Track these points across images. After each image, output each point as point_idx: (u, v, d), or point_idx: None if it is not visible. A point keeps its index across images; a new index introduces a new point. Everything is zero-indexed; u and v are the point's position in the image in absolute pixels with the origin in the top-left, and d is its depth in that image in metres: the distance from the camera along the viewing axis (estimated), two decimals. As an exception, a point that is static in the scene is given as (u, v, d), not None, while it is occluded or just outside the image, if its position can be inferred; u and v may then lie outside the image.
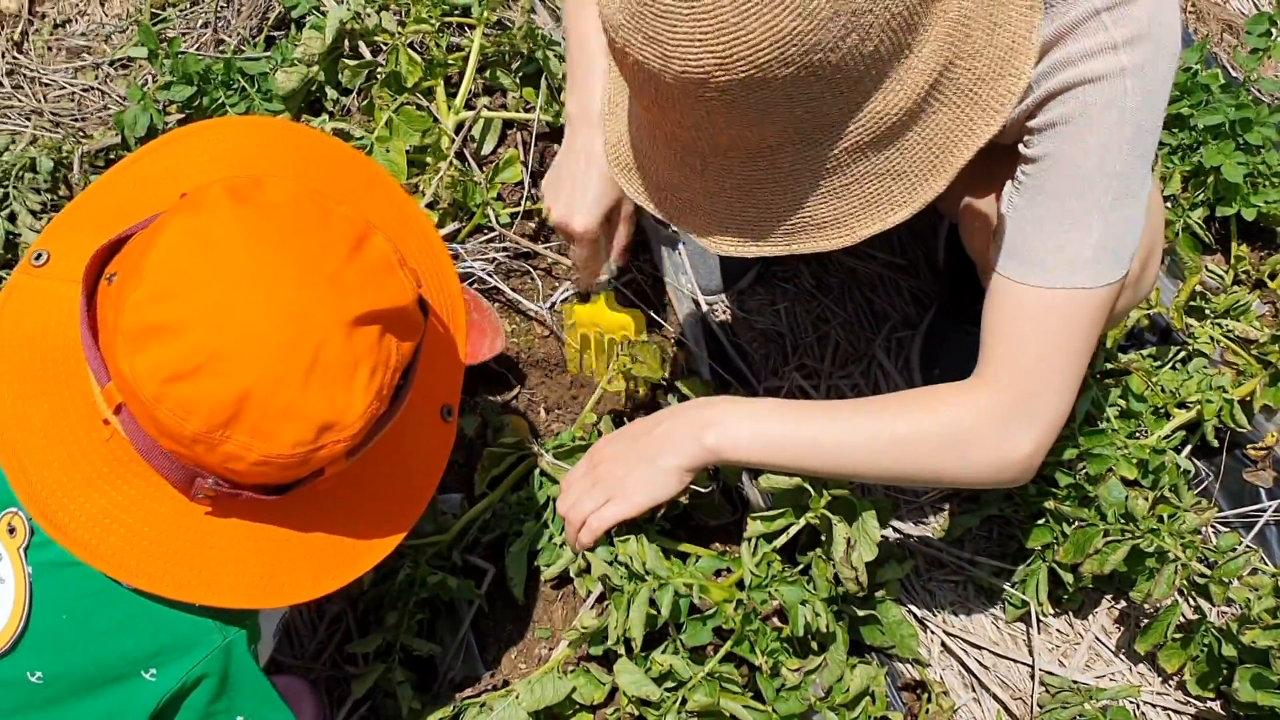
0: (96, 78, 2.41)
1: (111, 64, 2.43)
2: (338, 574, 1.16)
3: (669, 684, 1.46)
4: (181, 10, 2.50)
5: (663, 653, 1.47)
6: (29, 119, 2.30)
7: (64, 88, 2.39)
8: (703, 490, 1.59)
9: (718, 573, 1.58)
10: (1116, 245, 1.31)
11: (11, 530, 1.11)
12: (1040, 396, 1.35)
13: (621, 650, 1.47)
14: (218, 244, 0.99)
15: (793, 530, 1.52)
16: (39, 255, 1.15)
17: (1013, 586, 1.81)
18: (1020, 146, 1.34)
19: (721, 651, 1.48)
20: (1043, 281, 1.32)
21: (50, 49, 2.49)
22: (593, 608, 1.64)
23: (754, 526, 1.53)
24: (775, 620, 1.56)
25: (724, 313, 2.12)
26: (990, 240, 1.40)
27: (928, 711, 1.51)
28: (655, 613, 1.45)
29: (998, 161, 1.36)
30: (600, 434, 1.68)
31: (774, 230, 1.19)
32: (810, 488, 1.48)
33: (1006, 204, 1.36)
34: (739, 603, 1.48)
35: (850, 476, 1.45)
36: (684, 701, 1.44)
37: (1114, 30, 1.23)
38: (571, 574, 1.57)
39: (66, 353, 1.09)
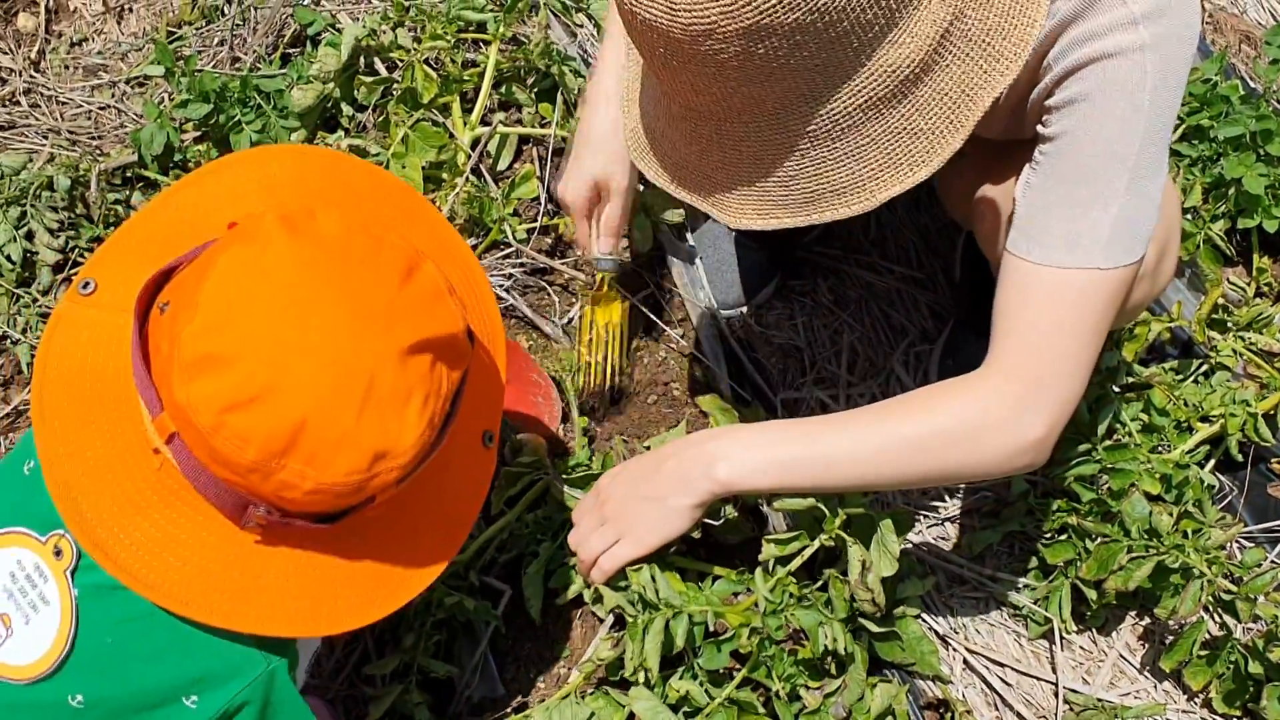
0: (113, 96, 2.42)
1: (128, 82, 2.44)
2: (382, 603, 1.16)
3: (686, 709, 1.44)
4: (198, 28, 2.50)
5: (680, 678, 1.46)
6: (46, 138, 2.31)
7: (81, 106, 2.40)
8: (715, 522, 1.58)
9: (735, 594, 1.56)
10: (1134, 226, 1.29)
11: (58, 553, 1.11)
12: (1052, 380, 1.32)
13: (639, 678, 1.45)
14: (272, 275, 1.00)
15: (807, 553, 1.50)
16: (86, 284, 1.15)
17: (1035, 603, 1.79)
18: (1039, 127, 1.32)
19: (739, 677, 1.46)
20: (1057, 260, 1.30)
21: (67, 67, 2.50)
22: (611, 628, 1.63)
23: (768, 550, 1.51)
24: (792, 644, 1.55)
25: (741, 327, 2.11)
26: (1003, 229, 1.39)
27: (951, 731, 1.49)
28: (671, 639, 1.44)
29: (1012, 155, 1.35)
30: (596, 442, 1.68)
31: (793, 200, 1.19)
32: (824, 507, 1.46)
33: (1022, 186, 1.34)
34: (753, 630, 1.47)
35: (866, 488, 1.42)
36: None
37: (1133, 5, 1.22)
38: (586, 600, 1.56)
39: (116, 382, 1.09)
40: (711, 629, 1.48)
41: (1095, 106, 1.25)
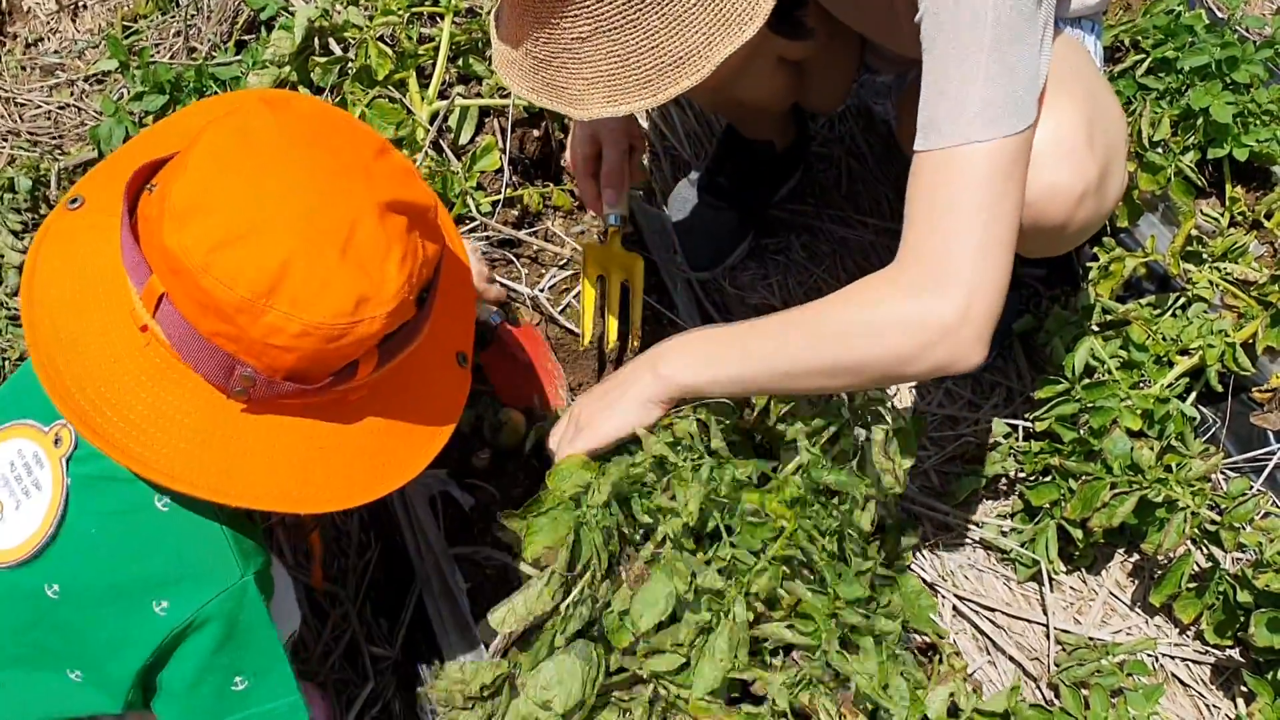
0: (72, 95, 2.40)
1: (86, 80, 2.42)
2: (364, 490, 1.18)
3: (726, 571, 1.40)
4: (152, 21, 2.48)
5: (717, 549, 1.41)
6: (6, 140, 2.29)
7: (40, 107, 2.38)
8: None
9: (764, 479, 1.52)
10: (1007, 93, 1.27)
11: (57, 441, 1.16)
12: (949, 259, 1.27)
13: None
14: (256, 137, 1.07)
15: (833, 428, 1.48)
16: (74, 200, 1.20)
17: (1023, 546, 1.79)
18: (914, 20, 1.32)
19: (780, 540, 1.41)
20: (934, 143, 1.29)
21: (24, 69, 2.47)
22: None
23: (794, 430, 1.49)
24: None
25: (715, 289, 2.10)
26: None
27: (939, 672, 1.48)
28: (717, 486, 1.41)
29: None
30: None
31: (637, 78, 1.26)
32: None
33: (920, 93, 1.33)
34: (795, 500, 1.43)
35: (786, 379, 1.39)
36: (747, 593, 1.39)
37: None
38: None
39: (104, 276, 1.13)
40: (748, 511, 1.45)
41: None
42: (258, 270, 1.02)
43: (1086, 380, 1.76)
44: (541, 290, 1.99)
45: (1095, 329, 1.87)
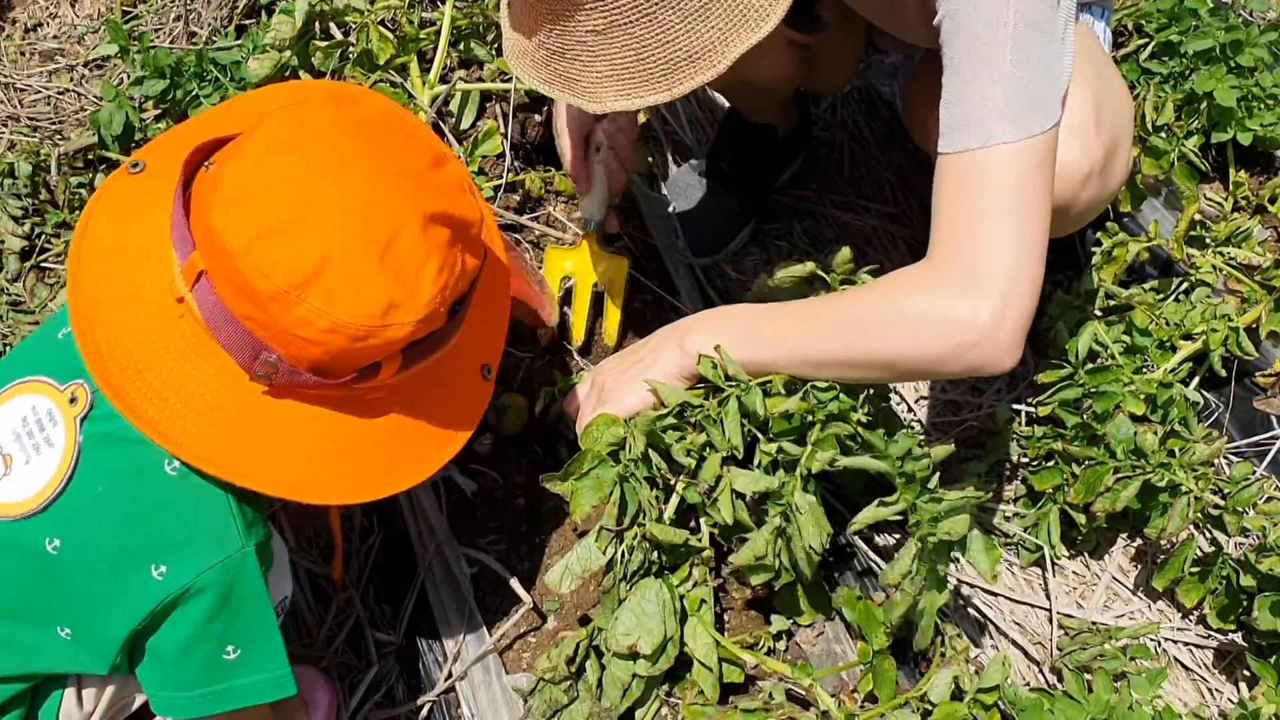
0: (71, 80, 2.39)
1: (86, 65, 2.41)
2: (372, 487, 1.20)
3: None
4: (152, 5, 2.47)
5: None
6: (5, 125, 2.29)
7: (39, 92, 2.37)
8: None
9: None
10: (1031, 92, 1.27)
11: (73, 400, 1.17)
12: (983, 260, 1.28)
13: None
14: (315, 131, 1.09)
15: None
16: (136, 164, 1.22)
17: (1026, 531, 1.79)
18: (935, 24, 1.32)
19: (818, 426, 1.40)
20: (965, 144, 1.28)
21: (24, 54, 2.46)
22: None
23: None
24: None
25: (718, 275, 2.09)
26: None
27: (942, 655, 1.48)
28: (749, 422, 1.40)
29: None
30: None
31: (651, 73, 1.24)
32: None
33: (942, 94, 1.33)
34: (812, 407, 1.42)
35: (815, 368, 1.40)
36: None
37: None
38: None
39: (151, 243, 1.14)
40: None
41: None
42: (296, 262, 1.04)
43: (1090, 365, 1.76)
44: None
45: (1098, 314, 1.86)
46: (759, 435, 1.41)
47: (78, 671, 1.23)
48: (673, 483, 1.43)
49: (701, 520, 1.44)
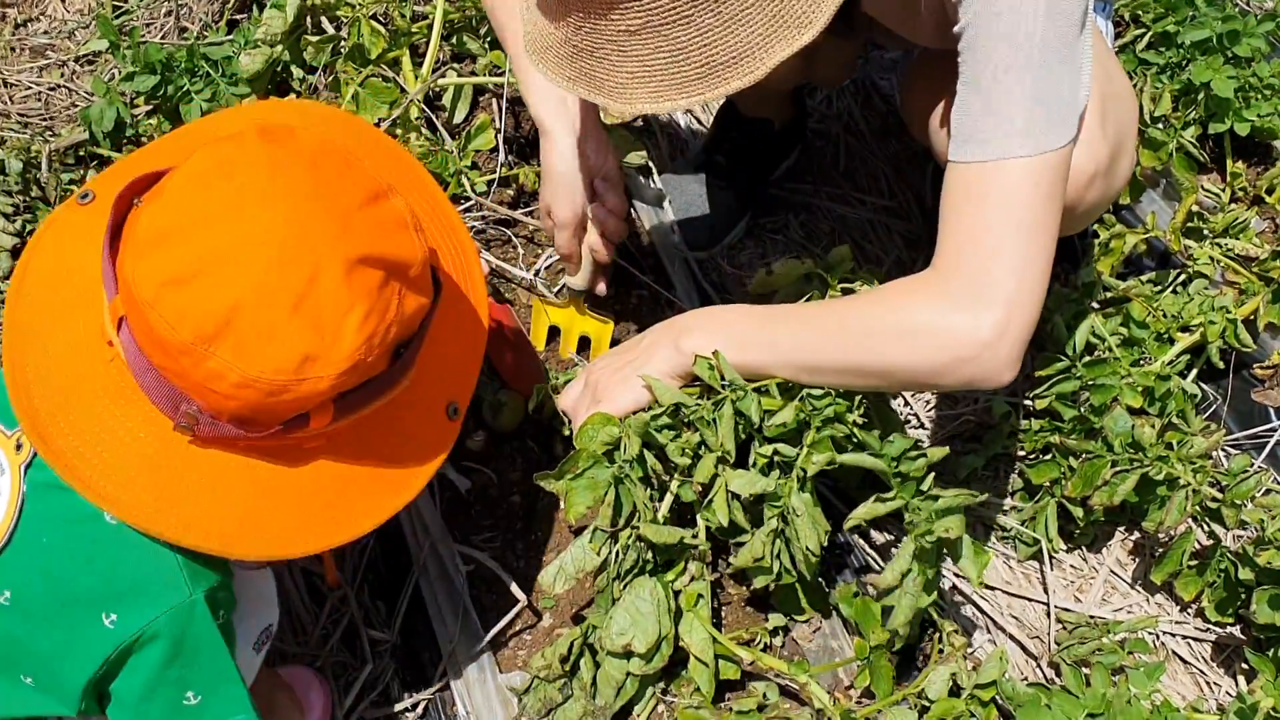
0: (62, 75, 2.38)
1: (76, 60, 2.40)
2: (318, 537, 1.16)
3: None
4: (143, 1, 2.45)
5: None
6: (-4, 121, 2.27)
7: (30, 88, 2.36)
8: None
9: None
10: (1051, 108, 1.26)
11: (19, 447, 1.13)
12: (989, 274, 1.26)
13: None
14: (237, 169, 1.03)
15: None
16: (85, 194, 1.18)
17: (1023, 524, 1.78)
18: (954, 30, 1.30)
19: (814, 427, 1.40)
20: (979, 155, 1.27)
21: (14, 49, 2.45)
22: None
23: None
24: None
25: (714, 269, 2.08)
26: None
27: (940, 651, 1.48)
28: (747, 417, 1.39)
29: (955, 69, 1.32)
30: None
31: (685, 76, 1.20)
32: None
33: (956, 100, 1.32)
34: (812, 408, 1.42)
35: (811, 374, 1.39)
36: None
37: None
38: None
39: (91, 281, 1.10)
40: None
41: None
42: (203, 314, 0.99)
43: (1087, 358, 1.75)
44: (538, 272, 1.97)
45: (1096, 306, 1.86)
46: (754, 436, 1.41)
47: (51, 714, 1.19)
48: (668, 481, 1.42)
49: (698, 516, 1.44)
